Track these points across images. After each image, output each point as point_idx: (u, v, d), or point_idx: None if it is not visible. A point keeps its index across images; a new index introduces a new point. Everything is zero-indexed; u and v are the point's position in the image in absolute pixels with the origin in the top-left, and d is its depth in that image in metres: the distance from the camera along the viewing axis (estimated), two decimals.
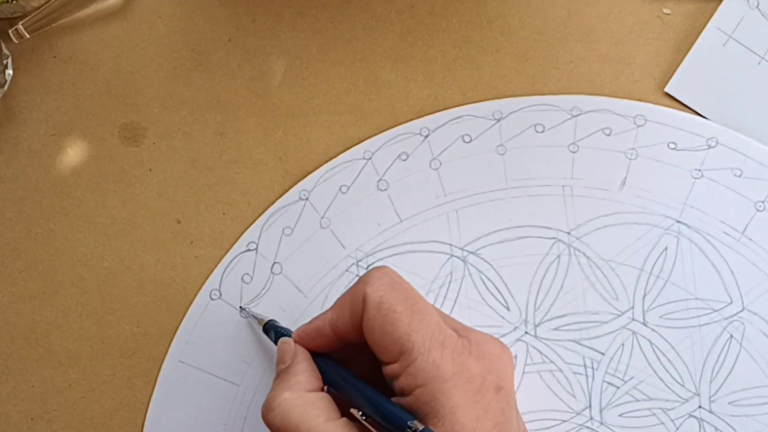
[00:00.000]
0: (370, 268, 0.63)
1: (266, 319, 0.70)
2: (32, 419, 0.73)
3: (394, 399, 0.60)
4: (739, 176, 0.71)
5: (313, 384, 0.62)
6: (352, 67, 0.74)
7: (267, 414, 0.60)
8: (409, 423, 0.57)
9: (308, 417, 0.59)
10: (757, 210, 0.71)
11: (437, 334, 0.59)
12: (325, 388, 0.63)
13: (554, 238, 0.72)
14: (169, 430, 0.72)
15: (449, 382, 0.57)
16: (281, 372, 0.63)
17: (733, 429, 0.70)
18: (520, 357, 0.71)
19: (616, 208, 0.72)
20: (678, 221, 0.71)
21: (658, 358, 0.71)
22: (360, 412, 0.60)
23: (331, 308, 0.64)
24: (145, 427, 0.72)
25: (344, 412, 0.61)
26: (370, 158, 0.73)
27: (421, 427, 0.57)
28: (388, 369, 0.60)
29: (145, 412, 0.72)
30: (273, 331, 0.69)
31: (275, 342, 0.68)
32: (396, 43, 0.73)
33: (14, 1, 0.71)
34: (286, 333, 0.67)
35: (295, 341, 0.65)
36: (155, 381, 0.72)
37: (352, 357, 0.66)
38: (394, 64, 0.73)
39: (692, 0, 0.73)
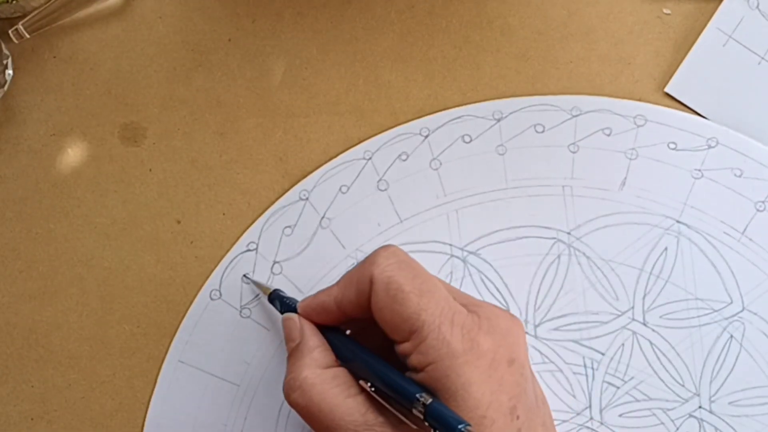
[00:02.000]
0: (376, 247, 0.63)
1: (271, 289, 0.70)
2: (32, 419, 0.72)
3: (407, 374, 0.60)
4: (740, 176, 0.71)
5: (328, 359, 0.62)
6: (352, 68, 0.74)
7: (289, 395, 0.60)
8: (417, 396, 0.57)
9: (329, 395, 0.59)
10: (757, 210, 0.71)
11: (447, 311, 0.59)
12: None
13: (554, 238, 0.72)
14: (169, 430, 0.72)
15: (460, 359, 0.57)
16: (294, 350, 0.63)
17: (733, 429, 0.70)
18: None
19: (616, 208, 0.72)
20: (678, 221, 0.71)
21: (658, 358, 0.71)
22: (369, 384, 0.60)
23: (337, 284, 0.63)
24: (145, 428, 0.72)
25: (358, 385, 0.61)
26: (370, 158, 0.73)
27: (429, 399, 0.56)
28: (400, 347, 0.60)
29: (145, 413, 0.72)
30: (278, 301, 0.69)
31: (281, 312, 0.68)
32: (396, 43, 0.73)
33: (14, 1, 0.71)
34: (292, 303, 0.67)
35: (300, 314, 0.65)
36: (155, 381, 0.72)
37: (362, 330, 0.66)
38: (394, 65, 0.73)
39: (692, 0, 0.73)
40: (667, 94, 0.72)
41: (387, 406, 0.59)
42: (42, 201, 0.73)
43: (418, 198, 0.73)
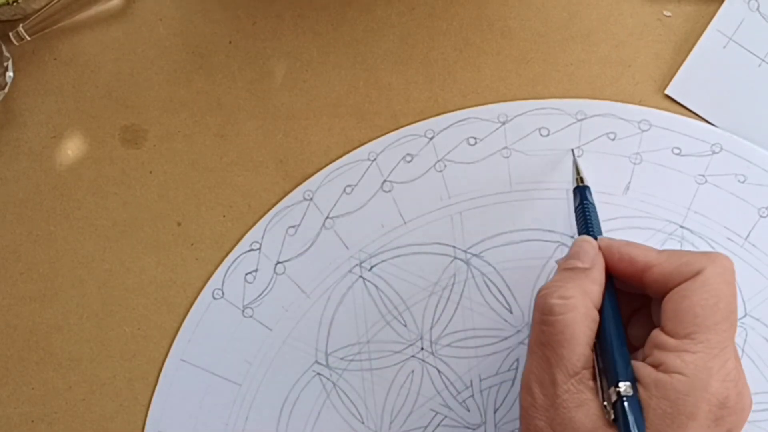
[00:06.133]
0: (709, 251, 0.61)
1: (586, 183, 0.69)
2: (33, 421, 0.73)
3: (635, 362, 0.58)
4: (743, 182, 0.71)
5: (598, 302, 0.60)
6: (352, 70, 0.73)
7: (551, 296, 0.59)
8: (621, 383, 0.56)
9: (578, 330, 0.57)
10: (761, 216, 0.70)
11: (728, 349, 0.57)
12: None
13: (558, 241, 0.71)
14: (170, 428, 0.72)
15: (707, 394, 0.55)
16: (578, 270, 0.61)
17: None
18: (522, 360, 0.71)
19: (620, 212, 0.71)
20: (681, 226, 0.71)
21: None
22: (595, 341, 0.59)
23: (657, 250, 0.61)
24: (146, 428, 0.72)
25: None
26: (375, 159, 0.73)
27: (630, 393, 0.55)
28: (663, 339, 0.57)
29: (146, 414, 0.72)
30: (583, 205, 0.67)
31: (576, 205, 0.67)
32: (396, 45, 0.73)
33: (15, 4, 0.71)
34: (590, 224, 0.65)
35: (600, 247, 0.62)
36: (156, 383, 0.72)
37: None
38: (395, 67, 0.73)
39: (693, 2, 0.72)
40: (668, 97, 0.72)
41: (597, 374, 0.58)
42: (42, 203, 0.74)
43: (422, 200, 0.72)
